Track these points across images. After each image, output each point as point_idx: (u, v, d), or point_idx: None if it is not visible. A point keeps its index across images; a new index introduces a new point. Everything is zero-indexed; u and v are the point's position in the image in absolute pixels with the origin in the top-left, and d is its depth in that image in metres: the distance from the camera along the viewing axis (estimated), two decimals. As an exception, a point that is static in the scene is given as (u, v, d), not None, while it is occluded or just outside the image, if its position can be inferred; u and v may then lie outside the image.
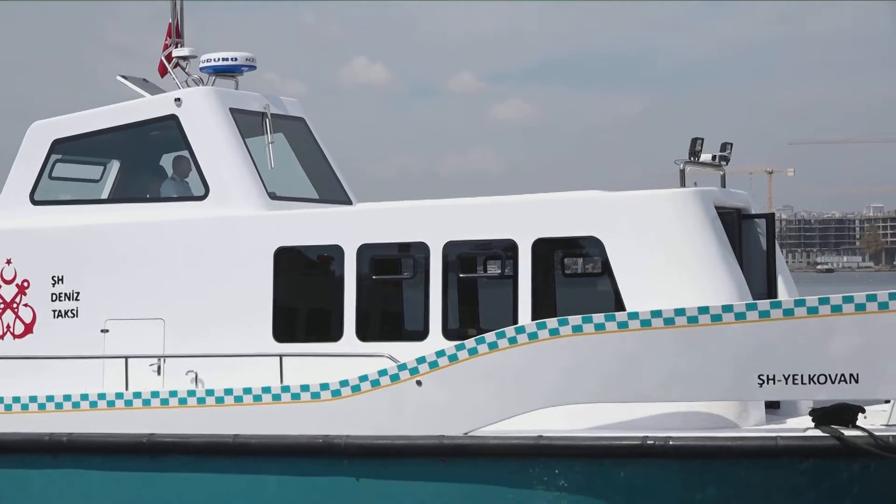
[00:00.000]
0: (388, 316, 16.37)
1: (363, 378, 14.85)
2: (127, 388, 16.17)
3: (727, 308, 13.63)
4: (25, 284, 17.50)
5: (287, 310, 16.32)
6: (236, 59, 17.78)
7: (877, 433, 13.41)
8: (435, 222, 15.86)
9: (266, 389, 15.34)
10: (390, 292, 16.34)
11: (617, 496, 14.23)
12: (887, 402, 14.01)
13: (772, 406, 15.01)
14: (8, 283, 17.58)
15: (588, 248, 15.25)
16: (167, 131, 17.39)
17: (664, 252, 14.80)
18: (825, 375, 13.35)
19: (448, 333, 15.37)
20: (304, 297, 16.68)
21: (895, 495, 12.96)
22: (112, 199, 18.03)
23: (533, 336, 14.07)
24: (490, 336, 14.28)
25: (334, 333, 15.96)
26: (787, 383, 13.49)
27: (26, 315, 17.45)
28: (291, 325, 16.33)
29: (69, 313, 17.22)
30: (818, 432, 13.64)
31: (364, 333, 15.83)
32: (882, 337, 13.25)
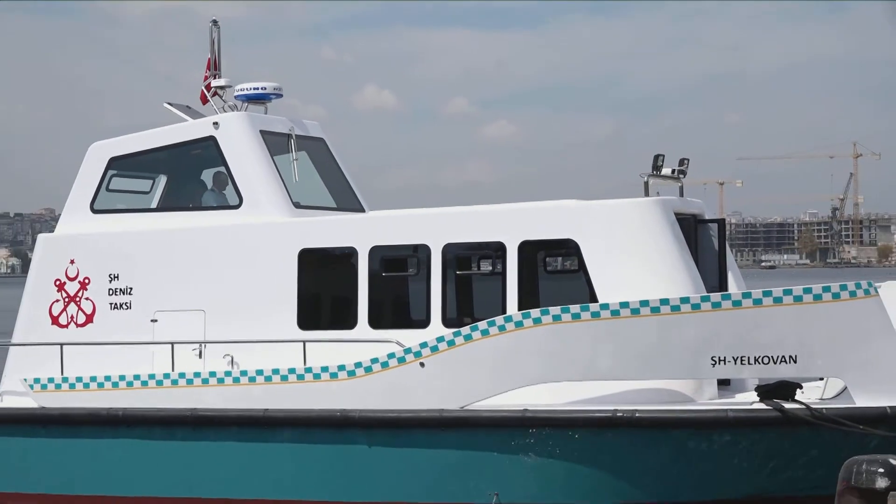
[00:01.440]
0: (396, 307, 16.34)
1: (374, 360, 14.85)
2: (173, 370, 16.17)
3: (685, 300, 13.63)
4: (86, 281, 17.47)
5: (309, 302, 16.28)
6: (265, 88, 17.73)
7: (813, 406, 13.43)
8: (435, 227, 15.83)
9: (292, 370, 15.33)
10: (397, 287, 16.30)
11: (591, 461, 14.20)
12: (821, 379, 14.03)
13: (723, 383, 14.97)
14: (71, 280, 17.56)
15: (566, 249, 15.22)
16: (207, 150, 17.35)
17: (631, 252, 14.79)
18: (768, 357, 13.36)
19: (447, 322, 15.33)
20: (324, 291, 16.64)
21: (828, 459, 12.94)
22: (160, 208, 17.98)
23: (519, 324, 14.06)
24: (483, 324, 14.27)
25: (350, 322, 15.92)
26: (735, 364, 13.49)
27: (87, 307, 17.42)
28: (313, 315, 16.27)
29: (123, 306, 17.20)
30: (763, 405, 13.66)
31: (375, 322, 15.80)
32: (816, 323, 13.27)
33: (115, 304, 17.23)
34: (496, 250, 15.37)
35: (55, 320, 17.58)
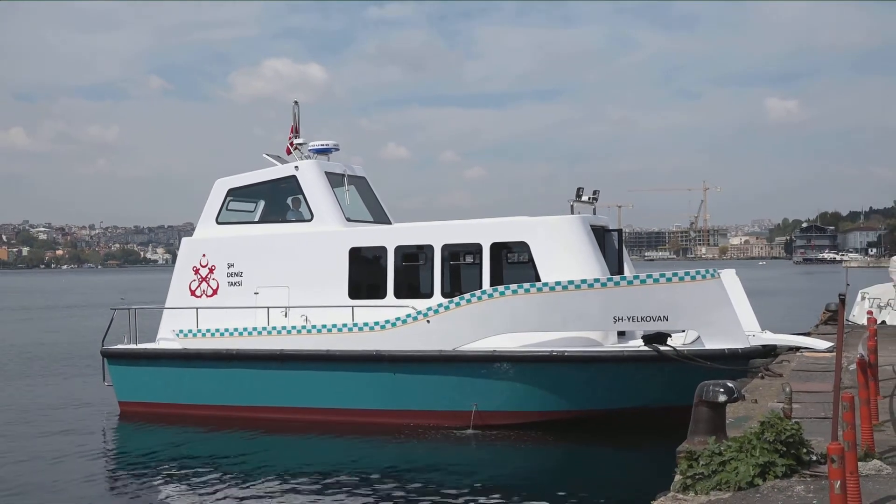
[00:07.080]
0: (411, 284, 16.30)
1: (398, 319, 14.83)
2: (268, 324, 16.15)
3: (597, 280, 13.63)
4: (213, 268, 17.45)
5: (356, 281, 16.26)
6: (328, 144, 17.77)
7: (678, 348, 13.44)
8: (436, 233, 15.82)
9: (345, 325, 15.32)
10: (412, 272, 16.29)
11: (538, 383, 14.22)
12: (683, 331, 14.04)
13: (621, 334, 14.99)
14: (203, 267, 17.56)
15: (521, 248, 15.21)
16: (290, 184, 17.34)
17: (562, 250, 14.79)
18: (650, 316, 13.36)
19: (444, 294, 15.33)
20: (365, 274, 16.63)
21: (687, 382, 12.96)
22: (260, 221, 17.95)
23: (490, 296, 14.06)
24: (467, 295, 14.27)
25: (382, 294, 15.90)
26: (629, 321, 13.50)
27: (213, 284, 17.40)
28: (358, 290, 16.27)
29: (237, 283, 17.18)
30: (646, 348, 13.67)
31: (398, 294, 15.77)
32: (680, 295, 13.27)
33: (231, 282, 17.21)
34: (476, 248, 15.36)
35: (193, 293, 17.56)
